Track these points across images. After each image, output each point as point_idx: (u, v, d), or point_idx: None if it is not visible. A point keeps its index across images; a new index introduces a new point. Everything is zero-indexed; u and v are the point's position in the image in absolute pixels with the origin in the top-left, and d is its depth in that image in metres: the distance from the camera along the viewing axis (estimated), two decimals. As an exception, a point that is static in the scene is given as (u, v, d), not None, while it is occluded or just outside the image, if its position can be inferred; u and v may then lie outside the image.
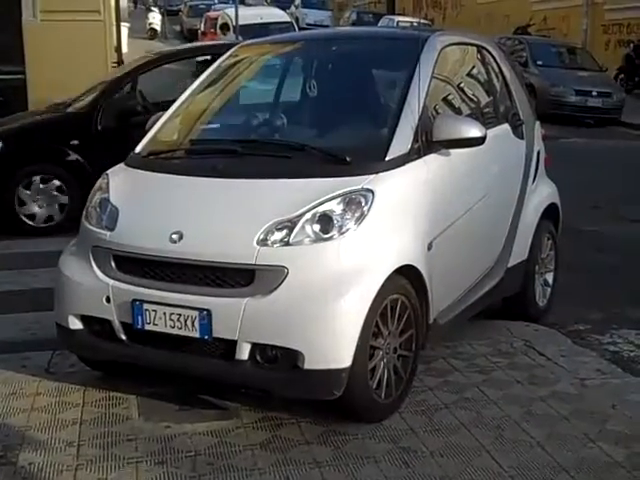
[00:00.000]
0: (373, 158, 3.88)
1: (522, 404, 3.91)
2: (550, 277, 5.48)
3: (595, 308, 5.72)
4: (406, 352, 3.83)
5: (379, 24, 30.77)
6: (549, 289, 5.47)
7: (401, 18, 31.90)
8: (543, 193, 5.45)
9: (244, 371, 3.53)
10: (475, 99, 5.18)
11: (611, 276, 6.56)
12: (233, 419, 3.72)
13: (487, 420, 3.74)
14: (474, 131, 4.13)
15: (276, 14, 22.79)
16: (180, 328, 3.59)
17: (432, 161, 4.11)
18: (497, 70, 5.31)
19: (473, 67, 5.28)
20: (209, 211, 3.78)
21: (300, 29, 23.68)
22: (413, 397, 3.92)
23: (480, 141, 4.17)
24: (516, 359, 4.48)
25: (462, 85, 5.13)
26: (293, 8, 37.06)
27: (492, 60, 5.29)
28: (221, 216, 3.74)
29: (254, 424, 3.68)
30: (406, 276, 3.79)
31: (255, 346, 3.50)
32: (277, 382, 3.53)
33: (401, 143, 3.96)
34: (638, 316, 5.60)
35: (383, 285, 3.58)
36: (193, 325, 3.56)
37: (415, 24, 29.00)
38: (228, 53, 5.30)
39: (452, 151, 4.21)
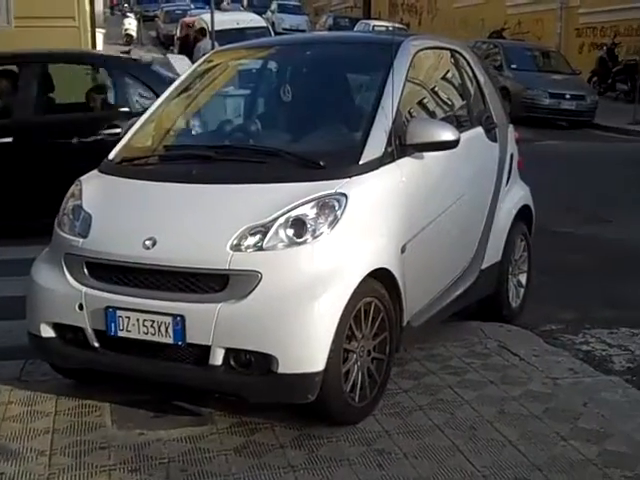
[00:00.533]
0: (347, 162, 3.89)
1: (495, 404, 3.93)
2: (523, 278, 5.52)
3: (568, 308, 5.78)
4: (380, 355, 3.84)
5: (355, 28, 30.88)
6: (522, 290, 5.51)
7: (377, 22, 32.09)
8: (516, 195, 5.49)
9: (218, 376, 3.52)
10: (449, 103, 5.21)
11: (584, 277, 6.62)
12: (207, 425, 3.71)
13: (461, 421, 3.76)
14: (447, 134, 4.16)
15: (252, 19, 22.76)
16: (154, 334, 3.58)
17: (406, 164, 4.13)
18: (470, 74, 5.35)
19: (447, 71, 5.31)
20: (183, 217, 3.78)
21: (276, 34, 23.68)
22: (387, 399, 3.93)
23: (453, 144, 4.19)
24: (490, 360, 4.50)
25: (436, 89, 5.16)
26: (269, 13, 37.07)
27: (466, 64, 5.33)
28: (195, 222, 3.73)
29: (228, 429, 3.67)
30: (380, 279, 3.80)
31: (229, 351, 3.50)
32: (251, 387, 3.53)
33: (375, 147, 3.99)
34: (610, 316, 5.66)
35: (356, 289, 3.59)
36: (167, 331, 3.55)
37: (391, 28, 29.23)
38: (203, 58, 5.32)
39: (426, 154, 4.23)
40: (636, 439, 3.61)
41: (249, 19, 22.54)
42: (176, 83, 5.02)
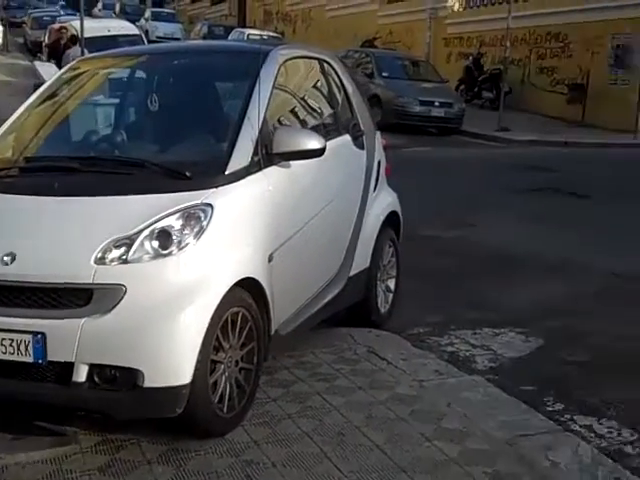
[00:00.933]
0: (213, 172, 3.88)
1: (364, 409, 3.99)
2: (392, 283, 5.63)
3: (435, 311, 5.93)
4: (248, 365, 3.84)
5: (230, 37, 30.82)
6: (391, 295, 5.61)
7: (251, 31, 32.11)
8: (384, 202, 5.61)
9: (82, 394, 3.42)
10: (316, 111, 5.27)
11: (450, 279, 6.83)
12: (71, 445, 3.59)
13: (329, 427, 3.79)
14: (313, 143, 4.21)
15: (124, 26, 22.30)
16: (12, 353, 3.44)
17: (272, 173, 4.15)
18: (338, 83, 5.43)
19: (314, 80, 5.37)
20: (44, 231, 3.66)
21: (150, 42, 23.33)
22: (256, 409, 3.93)
23: (319, 152, 4.25)
24: (358, 365, 4.57)
25: (303, 98, 5.21)
26: (143, 21, 36.49)
27: (333, 73, 5.41)
28: (57, 236, 3.63)
29: (93, 448, 3.57)
30: (247, 289, 3.81)
31: (93, 367, 3.41)
32: (117, 403, 3.45)
33: (241, 157, 3.99)
34: (474, 317, 5.85)
35: (223, 299, 3.58)
36: (26, 349, 3.42)
37: (265, 37, 29.33)
38: (68, 66, 5.19)
39: (293, 163, 4.26)
40: (496, 436, 3.75)
41: (120, 26, 22.07)
42: (39, 91, 4.87)
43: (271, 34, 31.61)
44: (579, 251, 7.93)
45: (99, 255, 3.47)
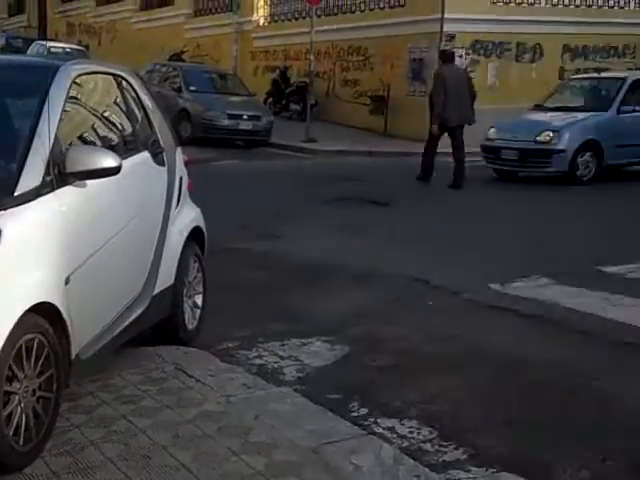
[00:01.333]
0: (0, 194, 3.70)
1: (170, 429, 3.92)
2: (199, 299, 5.60)
3: (243, 325, 5.93)
4: (47, 393, 3.68)
5: (29, 50, 29.50)
6: (199, 311, 5.58)
7: (53, 44, 30.90)
8: (187, 217, 5.58)
9: None
10: (112, 128, 5.16)
11: (258, 292, 6.86)
12: None
13: (134, 451, 3.70)
14: (108, 161, 4.12)
15: None
16: None
17: (66, 194, 4.01)
18: (136, 99, 5.35)
19: (110, 96, 5.26)
20: None
21: (-61, 54, 21.96)
22: (58, 438, 3.77)
23: (115, 171, 4.16)
24: (166, 384, 4.49)
25: (99, 114, 5.08)
26: None
27: (130, 89, 5.33)
28: None
29: None
30: (42, 314, 3.65)
31: None
32: None
33: (31, 177, 3.83)
34: (282, 329, 5.90)
35: (16, 326, 3.41)
36: None
37: (69, 50, 28.36)
38: None
39: (89, 182, 4.15)
40: (302, 446, 3.80)
41: None
42: None
43: (75, 47, 30.58)
44: (382, 259, 8.20)
45: None
